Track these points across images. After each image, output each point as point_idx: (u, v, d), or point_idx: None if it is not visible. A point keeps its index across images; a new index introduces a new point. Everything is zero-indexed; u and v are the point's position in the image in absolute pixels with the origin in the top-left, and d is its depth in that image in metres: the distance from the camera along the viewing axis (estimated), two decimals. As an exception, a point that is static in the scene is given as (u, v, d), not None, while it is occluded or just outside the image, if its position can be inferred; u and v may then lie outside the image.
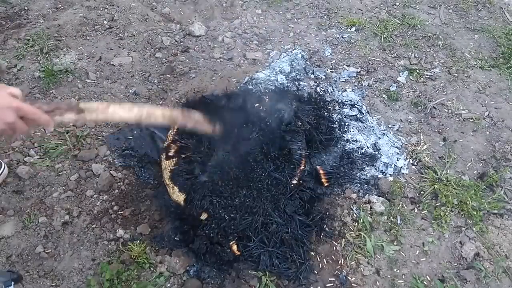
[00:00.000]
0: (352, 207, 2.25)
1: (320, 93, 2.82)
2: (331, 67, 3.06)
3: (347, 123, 2.62)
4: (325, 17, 3.48)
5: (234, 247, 1.94)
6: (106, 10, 3.27)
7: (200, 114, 1.59)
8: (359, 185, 2.35)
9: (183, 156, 2.10)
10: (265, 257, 1.95)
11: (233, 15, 3.40)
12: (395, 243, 2.12)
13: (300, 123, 2.28)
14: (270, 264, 1.93)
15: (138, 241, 2.01)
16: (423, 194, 2.34)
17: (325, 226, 2.13)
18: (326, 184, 2.27)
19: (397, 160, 2.48)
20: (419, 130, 2.69)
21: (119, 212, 2.13)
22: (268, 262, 1.94)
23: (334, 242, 2.10)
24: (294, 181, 2.11)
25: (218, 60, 3.02)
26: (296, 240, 2.00)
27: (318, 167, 2.30)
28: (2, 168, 2.16)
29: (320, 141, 2.38)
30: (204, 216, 1.91)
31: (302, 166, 2.17)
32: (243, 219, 1.95)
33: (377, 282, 1.99)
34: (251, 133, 2.12)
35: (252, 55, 3.06)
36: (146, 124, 1.45)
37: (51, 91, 2.63)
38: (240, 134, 2.14)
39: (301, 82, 2.87)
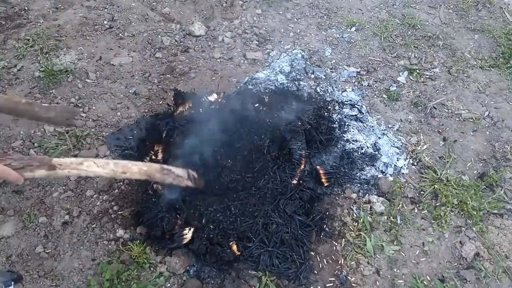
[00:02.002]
0: (352, 207, 2.25)
1: (320, 93, 2.82)
2: (331, 67, 3.06)
3: (347, 123, 2.62)
4: (325, 17, 3.48)
5: (234, 247, 1.94)
6: (106, 10, 3.27)
7: (181, 170, 1.53)
8: (359, 185, 2.35)
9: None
10: (265, 257, 1.95)
11: (233, 15, 3.40)
12: (395, 243, 2.12)
13: (300, 123, 2.28)
14: (270, 264, 1.93)
15: (138, 241, 2.01)
16: (423, 194, 2.34)
17: (325, 226, 2.13)
18: (326, 184, 2.27)
19: (397, 160, 2.48)
20: (419, 130, 2.69)
21: (119, 212, 2.13)
22: (268, 262, 1.94)
23: (334, 242, 2.10)
24: (294, 181, 2.11)
25: (218, 60, 3.02)
26: (296, 240, 2.00)
27: (318, 167, 2.30)
28: None
29: (320, 141, 2.38)
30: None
31: (302, 166, 2.17)
32: (243, 221, 1.96)
33: (377, 282, 1.99)
34: (251, 134, 2.12)
35: (252, 55, 3.06)
36: (122, 178, 1.43)
37: (51, 91, 2.62)
38: (239, 134, 2.14)
39: (301, 82, 2.87)
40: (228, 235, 1.95)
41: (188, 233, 1.95)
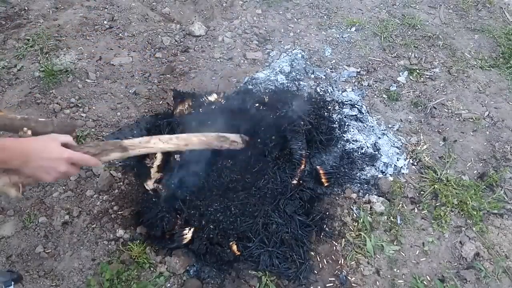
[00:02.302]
0: (352, 207, 2.25)
1: (320, 93, 2.82)
2: (331, 67, 3.06)
3: (347, 123, 2.62)
4: (325, 17, 3.48)
5: (234, 247, 1.94)
6: (106, 10, 3.27)
7: (234, 135, 1.62)
8: (359, 185, 2.35)
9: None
10: (265, 257, 1.95)
11: (233, 15, 3.40)
12: (395, 243, 2.12)
13: (302, 123, 2.28)
14: (270, 264, 1.93)
15: (138, 241, 2.01)
16: (423, 194, 2.34)
17: (325, 226, 2.13)
18: (326, 184, 2.27)
19: (397, 160, 2.48)
20: (419, 130, 2.69)
21: (119, 212, 2.13)
22: (268, 262, 1.94)
23: (334, 242, 2.10)
24: (294, 181, 2.11)
25: (218, 60, 3.02)
26: (296, 240, 2.00)
27: (318, 167, 2.30)
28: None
29: (320, 141, 2.38)
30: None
31: (303, 166, 2.17)
32: (243, 221, 1.95)
33: (377, 282, 1.99)
34: (251, 134, 2.12)
35: (252, 55, 3.06)
36: (185, 150, 1.51)
37: (51, 91, 2.62)
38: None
39: (301, 82, 2.87)
40: (228, 235, 1.95)
41: (188, 233, 1.95)
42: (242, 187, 2.02)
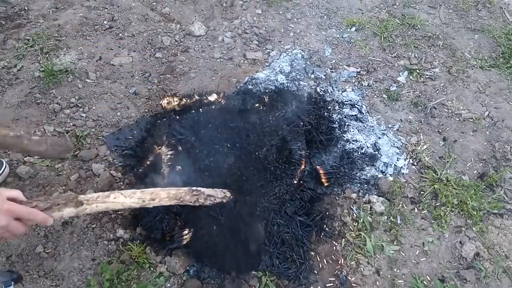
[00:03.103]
0: (352, 207, 2.25)
1: (320, 93, 2.82)
2: (331, 67, 3.06)
3: (347, 123, 2.62)
4: (325, 17, 3.48)
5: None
6: (106, 10, 3.27)
7: (210, 189, 1.49)
8: (359, 185, 2.35)
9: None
10: (265, 257, 1.95)
11: (233, 15, 3.40)
12: (395, 243, 2.12)
13: (301, 123, 2.28)
14: (270, 264, 1.93)
15: (138, 241, 2.01)
16: (423, 194, 2.34)
17: (325, 226, 2.13)
18: (326, 184, 2.27)
19: (397, 160, 2.48)
20: (419, 130, 2.69)
21: (119, 212, 2.13)
22: (268, 262, 1.94)
23: (334, 242, 2.10)
24: (295, 181, 2.11)
25: (218, 60, 3.02)
26: (296, 240, 2.00)
27: (318, 167, 2.30)
28: (3, 167, 2.16)
29: (320, 141, 2.38)
30: None
31: (303, 166, 2.17)
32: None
33: (377, 282, 1.99)
34: (250, 134, 2.12)
35: (252, 55, 3.06)
36: (152, 206, 1.41)
37: (51, 91, 2.62)
38: (238, 135, 2.14)
39: (301, 82, 2.87)
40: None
41: (188, 234, 1.95)
42: (242, 187, 2.02)
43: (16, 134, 1.62)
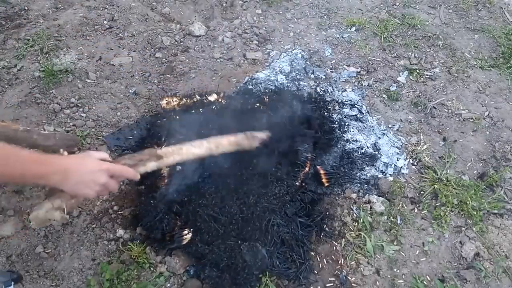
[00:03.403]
0: (352, 207, 2.25)
1: (320, 93, 2.82)
2: (331, 67, 3.06)
3: (347, 123, 2.62)
4: (325, 17, 3.48)
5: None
6: (106, 10, 3.27)
7: (262, 133, 1.62)
8: (359, 185, 2.35)
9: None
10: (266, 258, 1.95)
11: (233, 15, 3.40)
12: (395, 243, 2.12)
13: (311, 129, 2.31)
14: (270, 264, 1.93)
15: (138, 241, 2.01)
16: (423, 194, 2.34)
17: (325, 226, 2.13)
18: (326, 184, 2.27)
19: (397, 160, 2.48)
20: (419, 130, 2.69)
21: (119, 212, 2.13)
22: (268, 262, 1.94)
23: (334, 242, 2.10)
24: (297, 183, 2.11)
25: (218, 60, 3.02)
26: (296, 240, 2.00)
27: (318, 167, 2.30)
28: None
29: (325, 143, 2.39)
30: None
31: (307, 169, 2.17)
32: (244, 223, 1.95)
33: (377, 282, 1.99)
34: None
35: (252, 55, 3.06)
36: (218, 153, 1.52)
37: (51, 91, 2.62)
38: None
39: (301, 82, 2.87)
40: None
41: (188, 234, 1.96)
42: (244, 189, 2.02)
43: (25, 129, 1.65)
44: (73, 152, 2.24)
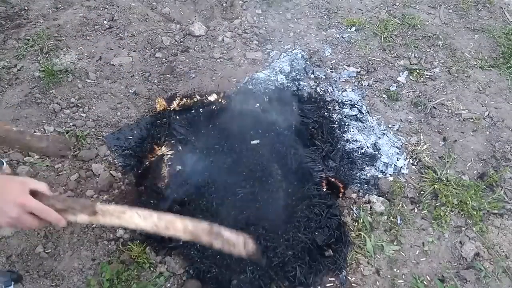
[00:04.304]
0: (352, 207, 2.25)
1: (320, 93, 2.82)
2: (331, 67, 3.06)
3: (347, 123, 2.62)
4: (325, 17, 3.48)
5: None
6: (106, 10, 3.27)
7: (234, 234, 1.34)
8: (359, 185, 2.35)
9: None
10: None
11: (233, 15, 3.40)
12: (395, 243, 2.12)
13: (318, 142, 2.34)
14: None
15: (138, 241, 2.01)
16: (423, 194, 2.34)
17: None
18: (342, 191, 2.27)
19: (397, 160, 2.48)
20: (419, 130, 2.69)
21: (119, 212, 2.13)
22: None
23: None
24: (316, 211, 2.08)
25: (218, 60, 3.02)
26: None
27: (332, 179, 2.29)
28: (3, 168, 2.16)
29: (330, 154, 2.41)
30: None
31: (324, 189, 2.17)
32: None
33: (377, 282, 1.99)
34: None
35: (252, 55, 3.06)
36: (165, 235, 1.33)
37: (51, 91, 2.62)
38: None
39: (301, 82, 2.87)
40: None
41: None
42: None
43: (19, 130, 1.62)
44: (64, 156, 2.18)
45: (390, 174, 2.42)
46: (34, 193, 1.04)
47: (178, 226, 1.27)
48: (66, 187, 2.20)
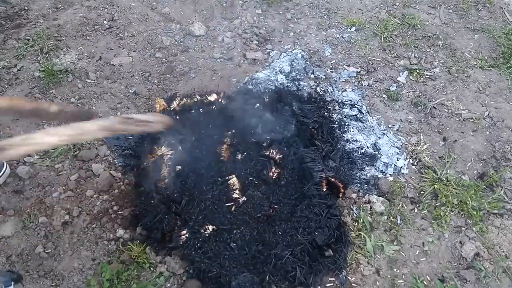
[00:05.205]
0: (352, 207, 2.25)
1: (320, 93, 2.82)
2: (331, 67, 3.06)
3: (347, 123, 2.62)
4: (325, 17, 3.48)
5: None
6: (106, 10, 3.27)
7: (146, 115, 1.37)
8: (359, 185, 2.35)
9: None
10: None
11: (233, 15, 3.40)
12: (395, 243, 2.12)
13: (319, 144, 2.33)
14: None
15: (138, 241, 2.01)
16: (423, 194, 2.34)
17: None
18: (342, 191, 2.27)
19: (397, 160, 2.48)
20: (419, 130, 2.69)
21: (119, 212, 2.13)
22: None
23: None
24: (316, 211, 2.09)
25: (218, 60, 3.02)
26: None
27: (333, 179, 2.28)
28: (4, 168, 2.16)
29: (330, 154, 2.40)
30: None
31: (324, 189, 2.17)
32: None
33: (377, 282, 1.99)
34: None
35: (252, 55, 3.06)
36: (82, 141, 1.25)
37: (51, 91, 2.63)
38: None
39: (301, 82, 2.87)
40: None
41: (186, 234, 1.96)
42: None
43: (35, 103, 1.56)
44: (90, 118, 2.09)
45: (390, 174, 2.42)
46: None
47: (91, 127, 1.23)
48: (66, 187, 2.20)
